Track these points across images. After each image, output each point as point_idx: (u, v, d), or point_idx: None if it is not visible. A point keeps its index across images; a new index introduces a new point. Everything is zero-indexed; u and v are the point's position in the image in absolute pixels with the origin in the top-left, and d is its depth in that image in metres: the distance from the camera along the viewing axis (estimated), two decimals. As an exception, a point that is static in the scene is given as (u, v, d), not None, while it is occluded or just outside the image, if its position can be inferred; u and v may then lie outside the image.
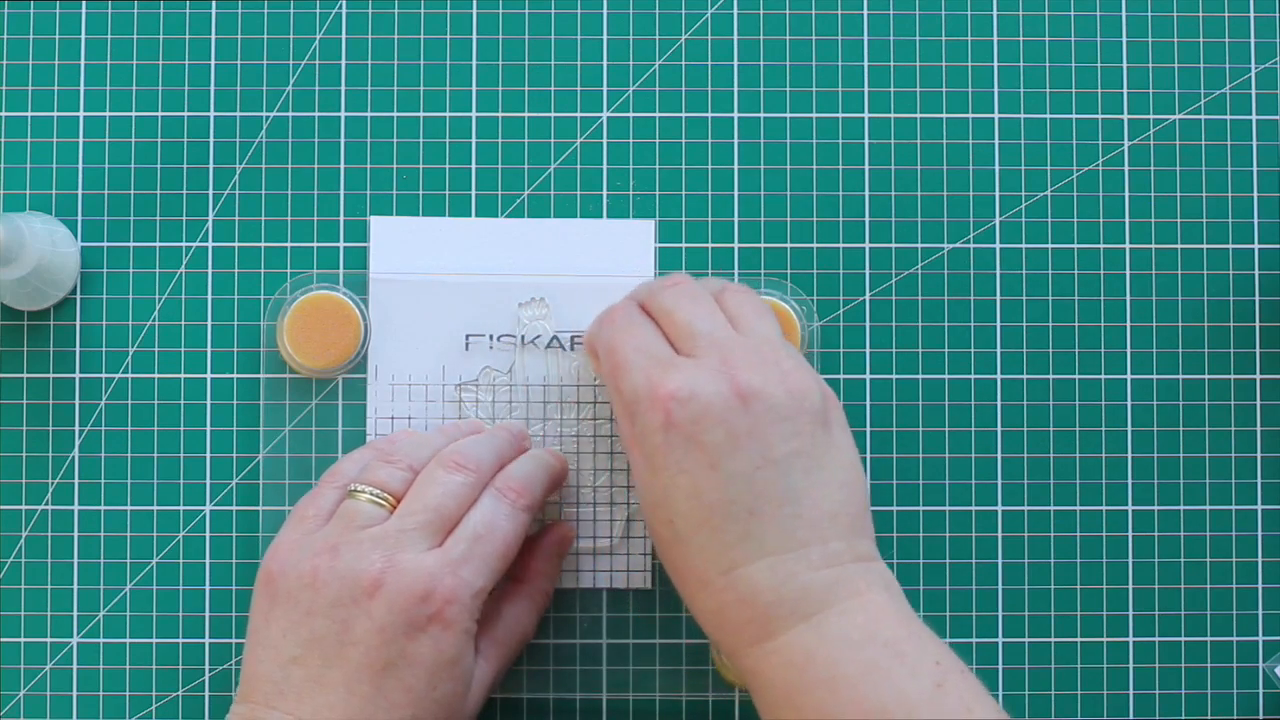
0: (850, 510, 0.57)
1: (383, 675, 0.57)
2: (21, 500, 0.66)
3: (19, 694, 0.66)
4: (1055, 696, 0.66)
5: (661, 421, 0.57)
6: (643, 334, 0.60)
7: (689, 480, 0.57)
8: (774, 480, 0.56)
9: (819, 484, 0.57)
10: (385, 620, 0.57)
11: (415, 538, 0.58)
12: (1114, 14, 0.68)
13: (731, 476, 0.56)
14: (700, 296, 0.61)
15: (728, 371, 0.57)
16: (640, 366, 0.59)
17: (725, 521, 0.56)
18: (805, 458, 0.57)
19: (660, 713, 0.66)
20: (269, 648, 0.58)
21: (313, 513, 0.60)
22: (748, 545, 0.56)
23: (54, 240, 0.64)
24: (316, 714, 0.56)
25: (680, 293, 0.61)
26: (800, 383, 0.58)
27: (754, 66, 0.68)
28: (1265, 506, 0.67)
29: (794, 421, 0.57)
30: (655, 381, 0.58)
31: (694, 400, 0.57)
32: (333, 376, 0.66)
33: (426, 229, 0.67)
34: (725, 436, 0.56)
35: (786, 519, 0.56)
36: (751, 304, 0.61)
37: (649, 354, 0.59)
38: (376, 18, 0.67)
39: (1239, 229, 0.67)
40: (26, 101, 0.67)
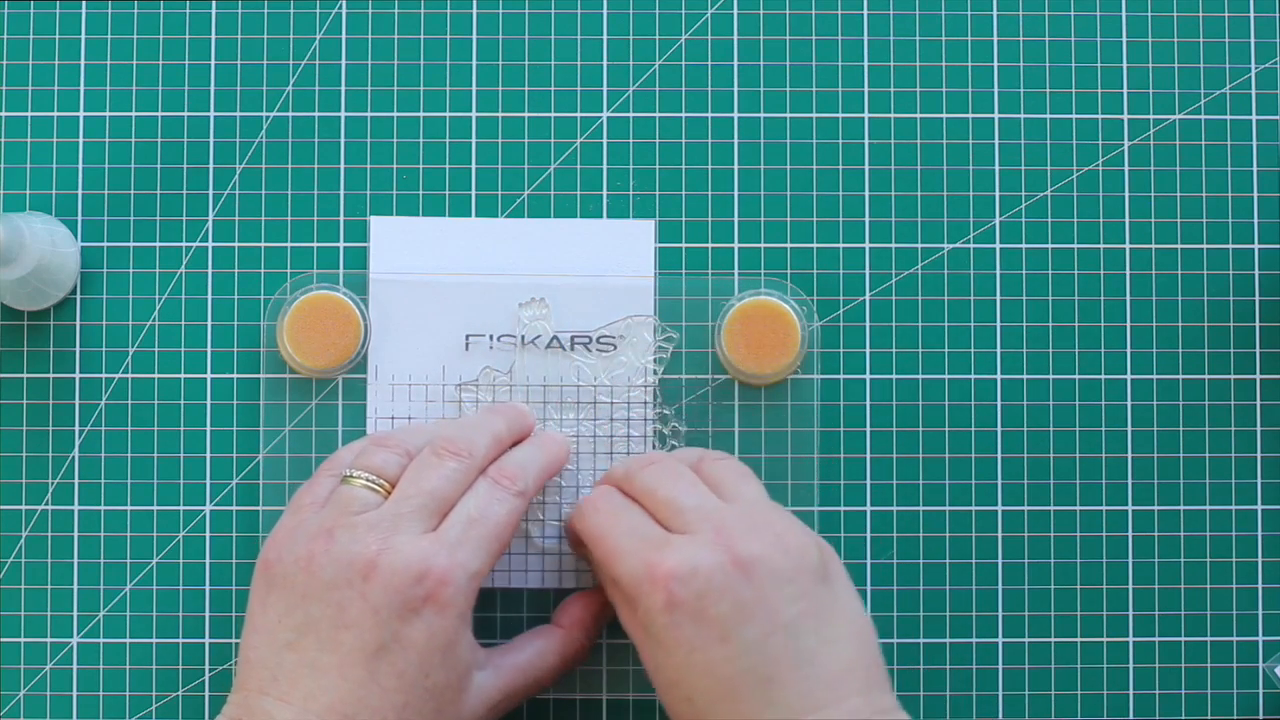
0: (864, 663, 0.57)
1: (375, 659, 0.57)
2: (21, 500, 0.66)
3: (19, 694, 0.66)
4: (1055, 696, 0.66)
5: (664, 602, 0.56)
6: (629, 517, 0.60)
7: (702, 657, 0.56)
8: (786, 644, 0.56)
9: (830, 641, 0.57)
10: (379, 602, 0.57)
11: (410, 521, 0.58)
12: (1114, 14, 0.68)
13: (744, 647, 0.56)
14: (679, 471, 0.61)
15: (724, 542, 0.57)
16: (633, 550, 0.58)
17: (744, 692, 0.56)
18: (813, 617, 0.57)
19: (660, 713, 0.66)
20: (264, 633, 0.58)
21: (309, 500, 0.60)
22: (770, 713, 0.55)
23: (54, 240, 0.64)
24: (309, 699, 0.56)
25: (660, 470, 0.61)
26: (796, 542, 0.58)
27: (754, 66, 0.68)
28: (1265, 506, 0.67)
29: (797, 583, 0.57)
30: (653, 563, 0.57)
31: (695, 576, 0.56)
32: (333, 376, 0.66)
33: (426, 229, 0.67)
34: (732, 608, 0.56)
35: (803, 681, 0.56)
36: (732, 469, 0.62)
37: (640, 536, 0.59)
38: (376, 18, 0.67)
39: (1239, 229, 0.67)
40: (26, 101, 0.67)
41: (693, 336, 0.67)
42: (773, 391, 0.67)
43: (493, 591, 0.66)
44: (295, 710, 0.56)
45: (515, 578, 0.66)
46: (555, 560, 0.66)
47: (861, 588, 0.66)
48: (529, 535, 0.66)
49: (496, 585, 0.66)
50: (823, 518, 0.66)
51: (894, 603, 0.66)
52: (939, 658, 0.66)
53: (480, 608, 0.66)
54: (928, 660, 0.66)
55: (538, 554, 0.66)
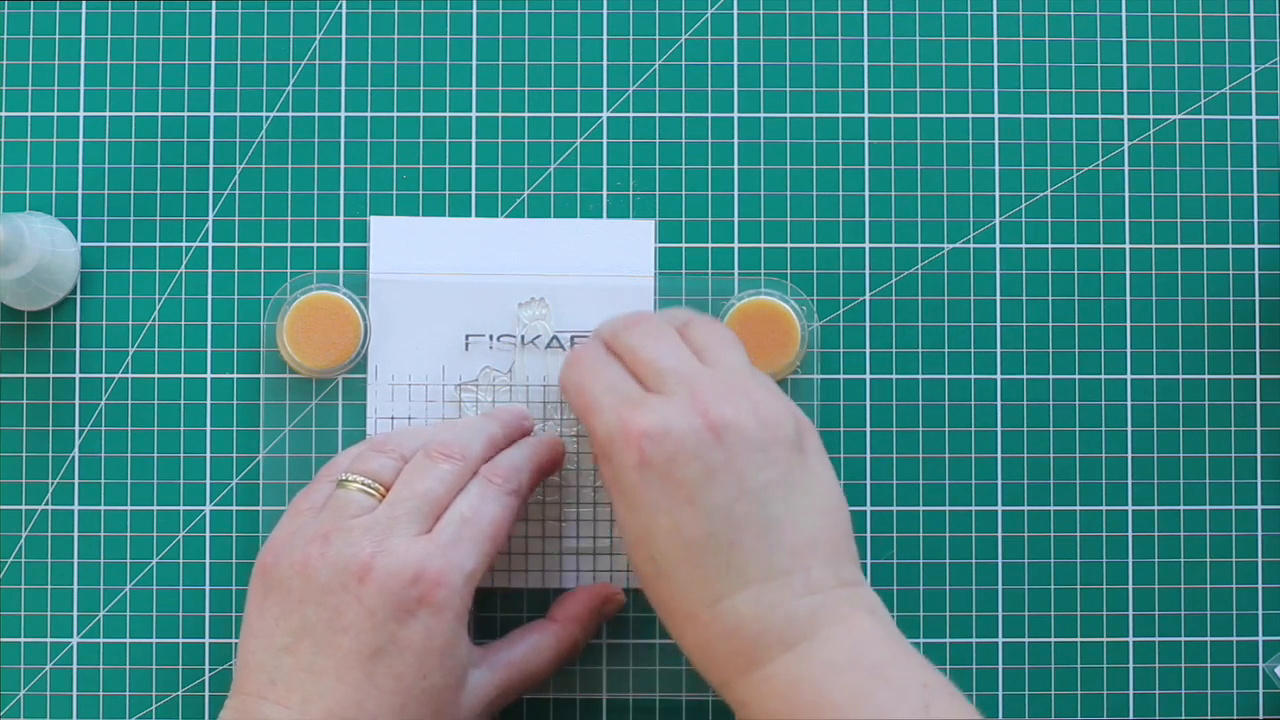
0: (832, 536, 0.57)
1: (372, 662, 0.57)
2: (21, 500, 0.66)
3: (19, 694, 0.66)
4: (1055, 696, 0.66)
5: (636, 460, 0.57)
6: (610, 373, 0.60)
7: (667, 517, 0.56)
8: (752, 510, 0.56)
9: (798, 511, 0.57)
10: (375, 604, 0.57)
11: (404, 524, 0.58)
12: (1114, 14, 0.68)
13: (710, 510, 0.56)
14: (663, 332, 0.61)
15: (698, 405, 0.57)
16: (611, 406, 0.58)
17: (706, 555, 0.56)
18: (782, 486, 0.57)
19: (660, 713, 0.66)
20: (262, 637, 0.58)
21: (307, 506, 0.60)
22: (730, 577, 0.56)
23: (54, 240, 0.64)
24: (307, 703, 0.56)
25: (643, 330, 0.61)
26: (773, 411, 0.58)
27: (754, 66, 0.68)
28: (1265, 506, 0.67)
29: (768, 451, 0.57)
30: (627, 420, 0.57)
31: (667, 437, 0.57)
32: (333, 376, 0.66)
33: (426, 229, 0.67)
34: (701, 471, 0.56)
35: (768, 548, 0.56)
36: (718, 334, 0.61)
37: (618, 393, 0.59)
38: (376, 18, 0.67)
39: (1239, 229, 0.67)
40: (26, 101, 0.67)
41: (693, 336, 0.67)
42: (773, 391, 0.67)
43: (493, 591, 0.66)
44: (293, 714, 0.56)
45: (515, 578, 0.66)
46: (555, 560, 0.66)
47: (861, 588, 0.66)
48: (529, 535, 0.66)
49: (496, 585, 0.66)
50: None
51: (894, 603, 0.66)
52: (939, 658, 0.66)
53: (480, 608, 0.66)
54: (928, 660, 0.66)
55: (538, 554, 0.66)
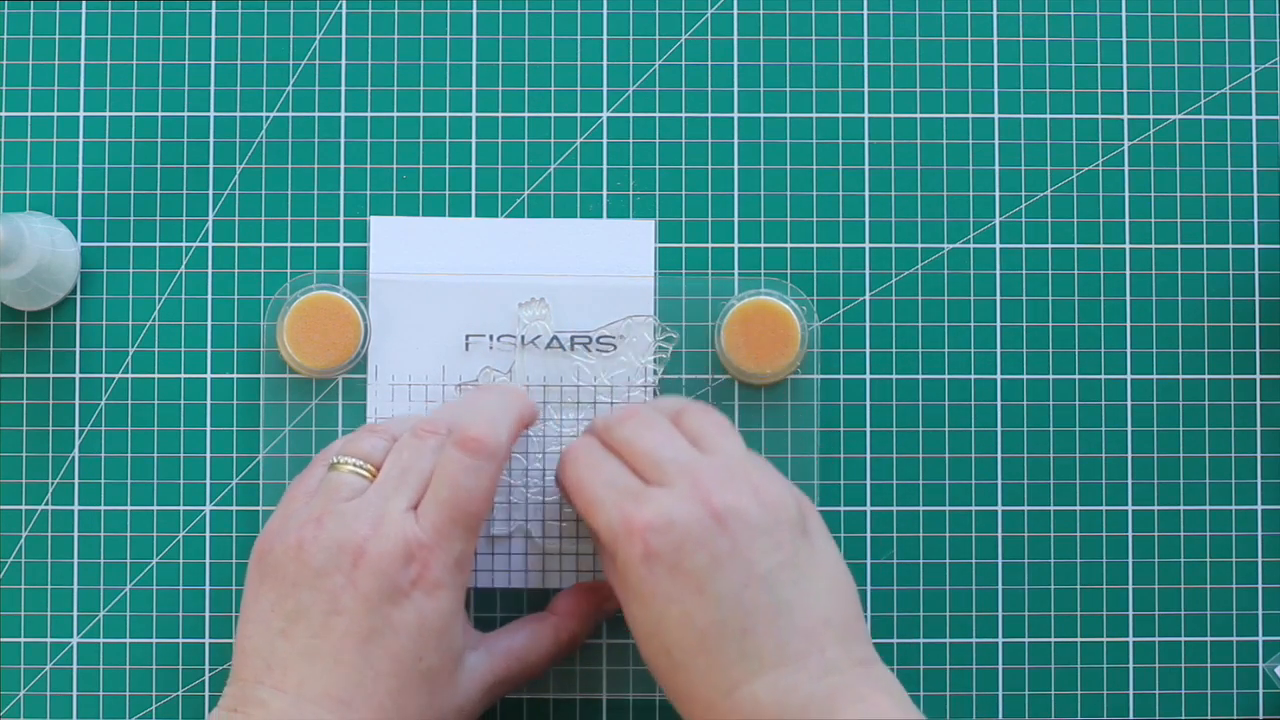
0: (843, 615, 0.57)
1: (368, 644, 0.57)
2: (21, 500, 0.66)
3: (19, 694, 0.66)
4: (1055, 696, 0.66)
5: (642, 554, 0.57)
6: (608, 468, 0.60)
7: (679, 609, 0.56)
8: (762, 596, 0.56)
9: (807, 593, 0.57)
10: (369, 587, 0.57)
11: (395, 505, 0.58)
12: (1114, 14, 0.68)
13: (720, 598, 0.56)
14: (658, 423, 0.61)
15: (700, 494, 0.57)
16: (612, 502, 0.58)
17: (720, 643, 0.56)
18: (790, 569, 0.57)
19: (660, 713, 0.66)
20: (258, 622, 0.58)
21: (302, 490, 0.60)
22: (746, 664, 0.56)
23: (54, 240, 0.64)
24: (303, 686, 0.56)
25: (638, 422, 0.61)
26: (774, 494, 0.58)
27: (754, 66, 0.68)
28: (1265, 506, 0.67)
29: (773, 534, 0.57)
30: (629, 515, 0.57)
31: (672, 528, 0.57)
32: (333, 376, 0.66)
33: (426, 229, 0.67)
34: (708, 560, 0.56)
35: (780, 632, 0.56)
36: (712, 421, 0.61)
37: (618, 488, 0.59)
38: (376, 18, 0.67)
39: (1239, 229, 0.67)
40: (26, 101, 0.67)
41: (693, 336, 0.67)
42: (773, 391, 0.67)
43: (493, 591, 0.66)
44: (289, 698, 0.56)
45: (515, 578, 0.66)
46: (555, 560, 0.66)
47: (862, 588, 0.66)
48: (529, 535, 0.66)
49: (496, 585, 0.66)
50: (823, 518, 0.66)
51: (894, 603, 0.66)
52: (939, 658, 0.66)
53: (480, 608, 0.66)
54: (928, 660, 0.66)
55: (538, 554, 0.66)
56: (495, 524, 0.66)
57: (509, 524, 0.66)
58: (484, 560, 0.66)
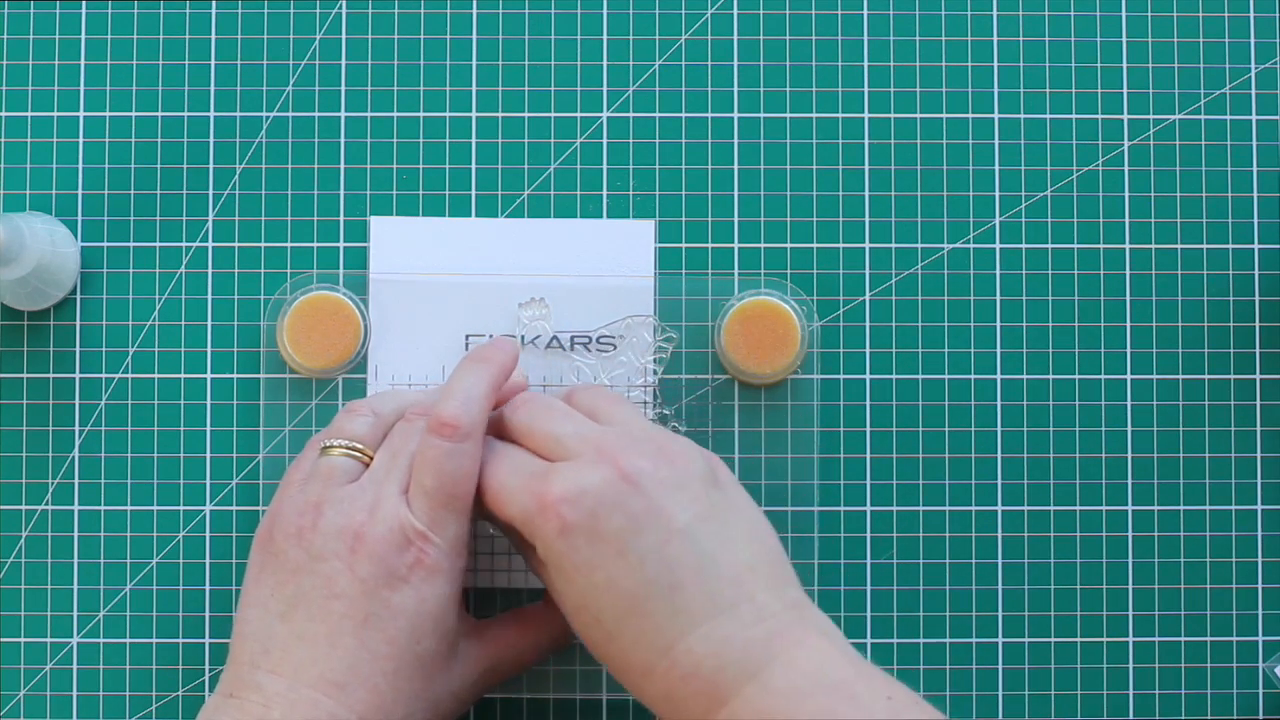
0: (767, 559, 0.57)
1: (365, 627, 0.57)
2: (21, 500, 0.66)
3: (19, 694, 0.66)
4: (1055, 696, 0.66)
5: (558, 528, 0.56)
6: (510, 457, 0.60)
7: (603, 575, 0.56)
8: (684, 549, 0.56)
9: (729, 541, 0.56)
10: (366, 572, 0.57)
11: (390, 490, 0.59)
12: (1114, 14, 0.68)
13: (642, 557, 0.56)
14: (551, 404, 0.61)
15: (607, 459, 0.57)
16: (520, 486, 0.58)
17: (650, 603, 0.56)
18: (708, 520, 0.57)
19: (660, 713, 0.66)
20: (257, 607, 0.58)
21: (298, 477, 0.60)
22: (678, 620, 0.55)
23: (54, 240, 0.64)
24: (300, 670, 0.57)
25: (530, 408, 0.61)
26: (679, 451, 0.58)
27: (754, 66, 0.68)
28: (1265, 506, 0.67)
29: (686, 489, 0.57)
30: (539, 493, 0.57)
31: (584, 496, 0.56)
32: (333, 376, 0.66)
33: (426, 229, 0.67)
34: (625, 520, 0.56)
35: (708, 583, 0.56)
36: (604, 395, 0.61)
37: (524, 472, 0.58)
38: (376, 18, 0.67)
39: (1239, 229, 0.67)
40: (26, 101, 0.67)
41: (693, 336, 0.67)
42: (773, 391, 0.67)
43: (493, 591, 0.66)
44: (286, 682, 0.56)
45: (515, 578, 0.66)
46: (555, 560, 0.66)
47: (861, 588, 0.66)
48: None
49: (496, 585, 0.66)
50: (823, 518, 0.66)
51: (894, 603, 0.66)
52: (939, 658, 0.66)
53: (480, 608, 0.66)
54: (928, 660, 0.66)
55: (538, 554, 0.66)
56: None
57: (509, 524, 0.66)
58: (484, 560, 0.66)
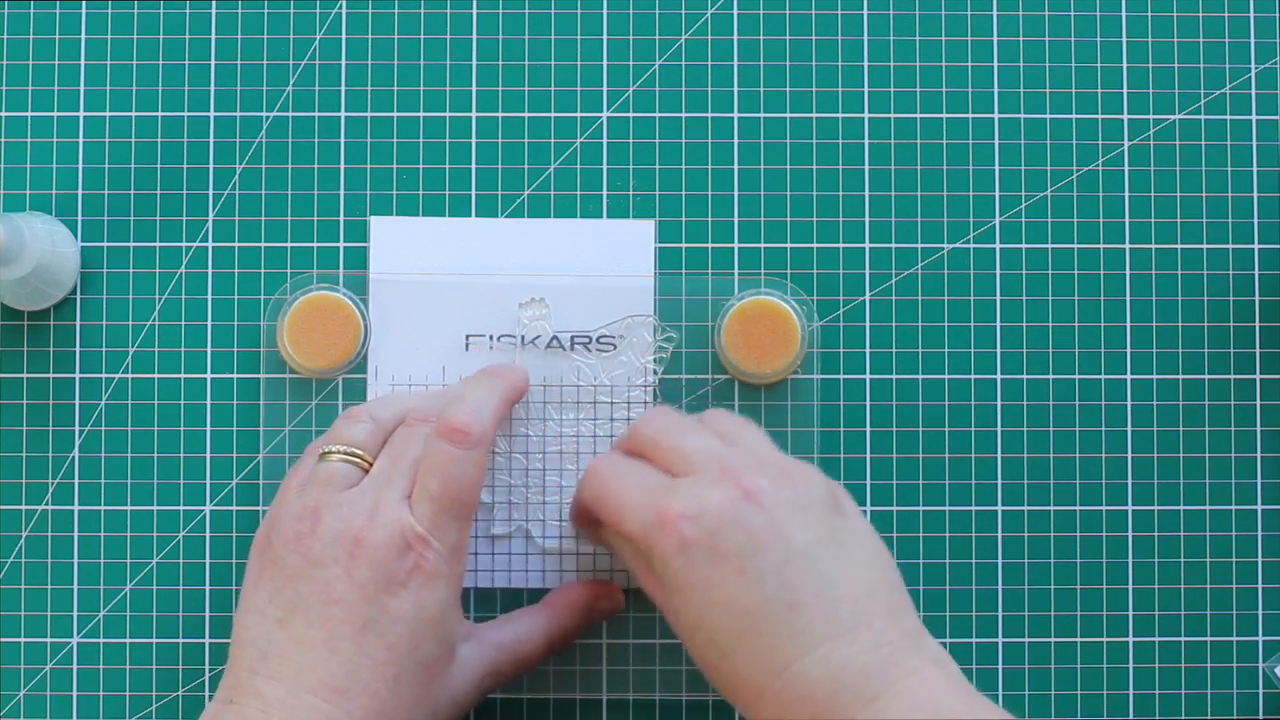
0: (886, 587, 0.56)
1: (364, 633, 0.57)
2: (21, 500, 0.66)
3: (19, 694, 0.66)
4: (1055, 696, 0.66)
5: (677, 544, 0.56)
6: (633, 472, 0.60)
7: (720, 593, 0.55)
8: (804, 570, 0.55)
9: (849, 566, 0.56)
10: (365, 577, 0.57)
11: (390, 495, 0.59)
12: (1114, 14, 0.68)
13: (762, 576, 0.55)
14: (681, 419, 0.61)
15: (731, 478, 0.57)
16: (641, 501, 0.58)
17: (767, 623, 0.55)
18: (828, 544, 0.56)
19: (660, 713, 0.66)
20: (255, 613, 0.58)
21: (296, 482, 0.61)
22: (795, 641, 0.55)
23: (54, 240, 0.64)
24: (299, 675, 0.56)
25: (661, 422, 0.61)
26: (803, 474, 0.58)
27: (754, 66, 0.68)
28: (1265, 506, 0.67)
29: (808, 511, 0.56)
30: (661, 508, 0.57)
31: (705, 514, 0.56)
32: (333, 376, 0.66)
33: (426, 229, 0.67)
34: (746, 539, 0.55)
35: (827, 605, 0.55)
36: (732, 419, 0.61)
37: (646, 487, 0.58)
38: (376, 18, 0.67)
39: (1239, 229, 0.67)
40: (26, 101, 0.67)
41: (693, 336, 0.67)
42: (773, 391, 0.67)
43: (493, 591, 0.66)
44: (286, 688, 0.56)
45: (515, 578, 0.66)
46: (555, 560, 0.66)
47: (861, 588, 0.66)
48: (529, 535, 0.66)
49: (497, 585, 0.66)
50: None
51: (894, 603, 0.66)
52: (939, 658, 0.66)
53: (480, 608, 0.66)
54: (928, 660, 0.66)
55: (538, 554, 0.66)
56: (496, 524, 0.66)
57: (509, 524, 0.66)
58: (484, 560, 0.66)
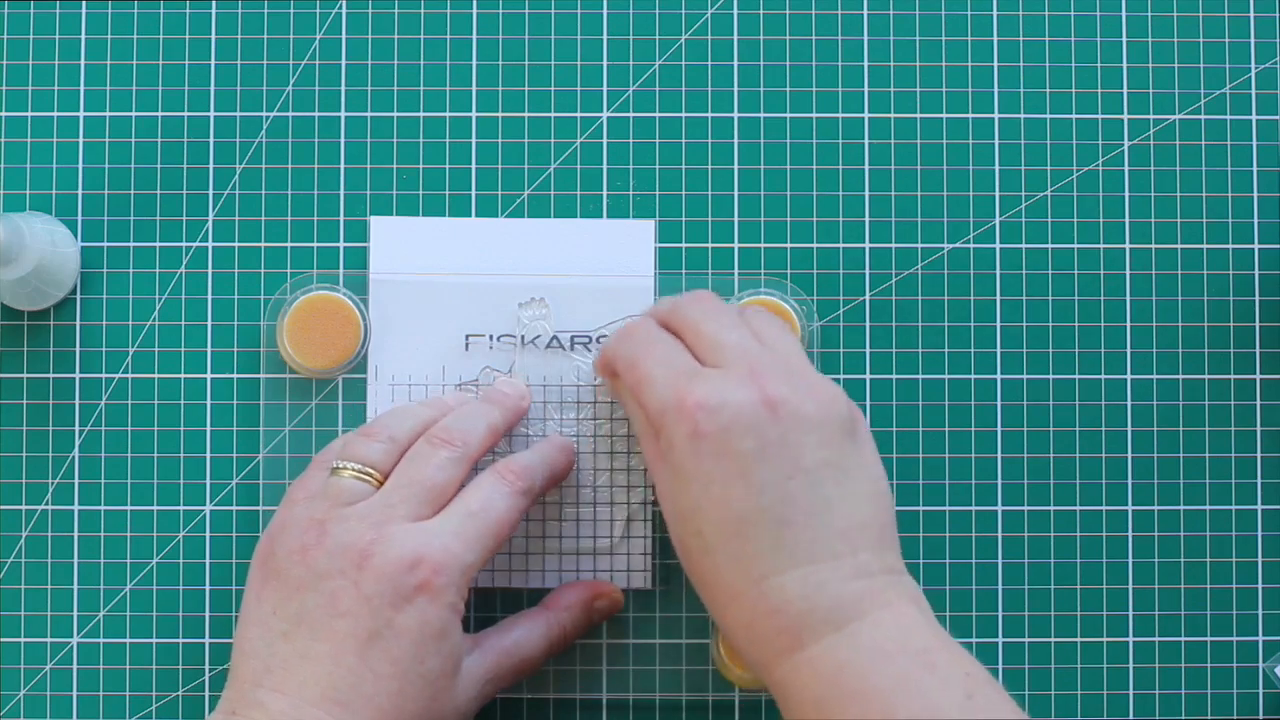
0: (880, 522, 0.57)
1: (368, 646, 0.57)
2: (21, 500, 0.66)
3: (19, 694, 0.66)
4: (1055, 696, 0.66)
5: (690, 431, 0.57)
6: (666, 348, 0.60)
7: (720, 490, 0.56)
8: (805, 489, 0.56)
9: (849, 494, 0.57)
10: (372, 590, 0.57)
11: (402, 511, 0.59)
12: (1114, 14, 0.68)
13: (763, 485, 0.56)
14: (725, 309, 0.61)
15: (756, 381, 0.57)
16: (666, 380, 0.58)
17: (756, 530, 0.56)
18: (835, 468, 0.57)
19: (660, 713, 0.66)
20: (259, 625, 0.58)
21: (303, 495, 0.61)
22: (779, 555, 0.56)
23: (54, 240, 0.64)
24: (303, 687, 0.56)
25: (705, 306, 0.61)
26: (828, 393, 0.58)
27: (754, 66, 0.68)
28: (1265, 506, 0.67)
29: (823, 431, 0.57)
30: (682, 392, 0.57)
31: (723, 409, 0.57)
32: (333, 376, 0.66)
33: (426, 229, 0.67)
34: (755, 445, 0.56)
35: (818, 528, 0.56)
36: (774, 323, 0.62)
37: (673, 367, 0.59)
38: (376, 18, 0.67)
39: (1239, 229, 0.67)
40: (26, 101, 0.67)
41: (693, 336, 0.67)
42: (773, 391, 0.67)
43: (493, 591, 0.66)
44: (289, 700, 0.56)
45: (515, 578, 0.66)
46: (555, 560, 0.66)
47: (861, 588, 0.66)
48: (530, 535, 0.66)
49: (497, 585, 0.66)
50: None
51: (894, 603, 0.66)
52: (939, 658, 0.66)
53: (480, 608, 0.66)
54: (928, 660, 0.66)
55: (538, 554, 0.66)
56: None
57: (509, 524, 0.66)
58: (484, 560, 0.66)
